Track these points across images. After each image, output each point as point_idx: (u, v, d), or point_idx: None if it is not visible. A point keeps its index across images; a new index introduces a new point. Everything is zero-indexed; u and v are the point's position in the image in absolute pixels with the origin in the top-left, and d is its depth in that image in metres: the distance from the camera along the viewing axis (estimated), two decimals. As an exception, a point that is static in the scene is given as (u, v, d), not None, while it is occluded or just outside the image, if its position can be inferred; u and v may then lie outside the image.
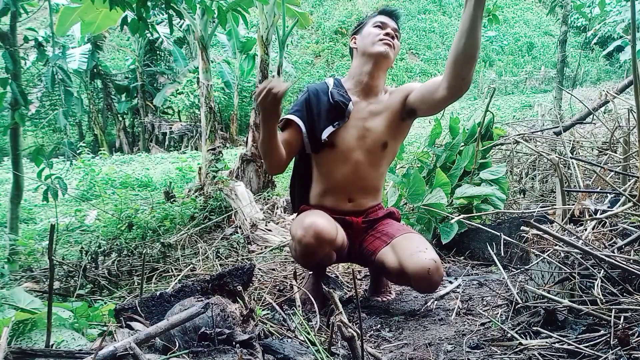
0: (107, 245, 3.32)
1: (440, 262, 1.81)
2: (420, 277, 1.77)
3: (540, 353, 1.32)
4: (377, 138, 1.96)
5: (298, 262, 2.07)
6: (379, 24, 1.98)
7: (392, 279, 2.09)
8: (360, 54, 2.00)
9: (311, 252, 1.82)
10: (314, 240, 1.78)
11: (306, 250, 1.82)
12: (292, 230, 1.90)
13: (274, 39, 5.38)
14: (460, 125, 3.33)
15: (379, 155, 2.00)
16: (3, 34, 2.89)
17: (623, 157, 2.45)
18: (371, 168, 2.00)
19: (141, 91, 17.51)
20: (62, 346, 1.25)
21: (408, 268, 1.79)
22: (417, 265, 1.77)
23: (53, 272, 1.14)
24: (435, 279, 1.79)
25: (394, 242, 1.90)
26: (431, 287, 1.84)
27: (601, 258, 1.40)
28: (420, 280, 1.78)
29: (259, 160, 5.04)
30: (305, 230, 1.79)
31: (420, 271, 1.76)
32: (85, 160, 8.24)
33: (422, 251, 1.82)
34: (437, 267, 1.78)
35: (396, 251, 1.86)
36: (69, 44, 13.99)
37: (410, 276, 1.79)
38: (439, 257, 1.83)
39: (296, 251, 1.89)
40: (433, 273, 1.77)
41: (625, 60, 17.19)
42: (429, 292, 2.03)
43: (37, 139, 16.30)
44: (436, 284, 1.82)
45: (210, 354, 1.20)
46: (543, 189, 3.61)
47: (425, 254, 1.80)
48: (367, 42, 1.96)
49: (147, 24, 2.86)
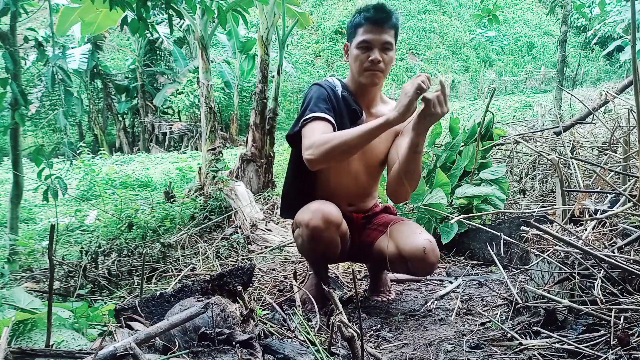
0: (107, 245, 3.33)
1: (435, 242, 1.85)
2: (416, 257, 1.80)
3: (540, 353, 1.32)
4: (375, 155, 1.99)
5: (304, 251, 1.98)
6: (364, 45, 1.81)
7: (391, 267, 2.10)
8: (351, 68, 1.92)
9: (319, 236, 1.79)
10: (322, 223, 1.77)
11: (314, 234, 1.79)
12: (299, 217, 1.86)
13: (274, 39, 5.38)
14: (460, 125, 3.33)
15: (378, 169, 2.06)
16: (3, 34, 2.89)
17: (623, 157, 2.45)
18: (370, 178, 2.06)
19: (141, 91, 17.50)
20: (62, 346, 1.25)
21: (404, 250, 1.83)
22: (412, 245, 1.81)
23: (53, 272, 1.14)
24: (431, 258, 1.81)
25: (390, 229, 1.94)
26: (427, 268, 1.86)
27: (601, 258, 1.40)
28: (416, 261, 1.81)
29: (259, 160, 5.04)
30: (313, 214, 1.78)
31: (416, 251, 1.80)
32: (85, 160, 8.23)
33: (417, 233, 1.86)
34: (433, 247, 1.82)
35: (392, 237, 1.90)
36: (69, 44, 14.00)
37: (407, 258, 1.83)
38: (434, 239, 1.86)
39: (303, 238, 1.84)
40: (429, 252, 1.80)
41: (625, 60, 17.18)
42: (426, 274, 2.06)
43: (37, 139, 16.29)
44: (432, 264, 1.84)
45: (210, 354, 1.20)
46: (543, 189, 3.61)
47: (420, 235, 1.85)
48: (355, 67, 1.87)
49: (147, 24, 2.86)
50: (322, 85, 1.92)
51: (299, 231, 1.89)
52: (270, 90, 5.19)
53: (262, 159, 5.05)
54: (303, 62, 25.01)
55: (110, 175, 7.99)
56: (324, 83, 1.94)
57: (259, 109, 5.09)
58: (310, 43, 27.04)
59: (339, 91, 1.92)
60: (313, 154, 1.71)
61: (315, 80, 2.03)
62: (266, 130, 5.12)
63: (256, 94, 5.12)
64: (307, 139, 1.77)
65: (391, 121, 1.63)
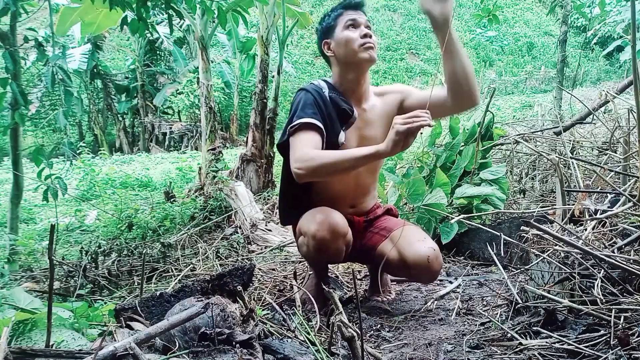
0: (107, 245, 3.32)
1: (439, 250, 1.84)
2: (420, 266, 1.79)
3: (540, 353, 1.32)
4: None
5: (308, 259, 1.98)
6: (350, 23, 1.83)
7: (392, 272, 2.11)
8: (341, 63, 1.88)
9: (326, 247, 1.79)
10: (329, 234, 1.76)
11: (320, 245, 1.78)
12: (304, 226, 1.84)
13: (274, 39, 5.38)
14: (460, 125, 3.33)
15: (377, 163, 2.02)
16: (3, 34, 2.89)
17: (623, 157, 2.45)
18: (370, 175, 2.03)
19: (141, 91, 17.49)
20: (62, 346, 1.25)
21: (408, 258, 1.81)
22: (416, 254, 1.80)
23: (53, 272, 1.14)
24: (435, 267, 1.80)
25: (393, 234, 1.93)
26: (431, 276, 1.85)
27: (601, 258, 1.40)
28: (420, 269, 1.80)
29: (259, 160, 5.04)
30: (320, 225, 1.77)
31: (419, 260, 1.79)
32: (85, 160, 8.23)
33: (421, 240, 1.85)
34: (437, 256, 1.81)
35: (395, 243, 1.88)
36: (69, 44, 13.98)
37: (410, 266, 1.81)
38: (437, 246, 1.85)
39: (308, 247, 1.83)
40: (432, 261, 1.79)
41: (625, 60, 17.18)
42: (429, 282, 2.05)
43: (37, 139, 16.29)
44: (436, 272, 1.83)
45: (210, 354, 1.20)
46: (543, 189, 3.61)
47: (424, 243, 1.83)
48: (348, 50, 1.83)
49: (147, 24, 2.86)
50: (308, 90, 1.88)
51: (303, 240, 1.86)
52: (270, 90, 5.19)
53: (262, 159, 5.05)
54: (303, 62, 25.00)
55: (110, 175, 7.97)
56: (310, 87, 1.90)
57: (259, 109, 5.09)
58: (310, 43, 27.01)
59: (326, 93, 1.88)
60: (300, 167, 1.68)
61: (301, 86, 1.98)
62: (266, 130, 5.12)
63: (256, 94, 5.12)
64: (295, 150, 1.74)
65: (381, 153, 1.62)
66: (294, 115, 1.82)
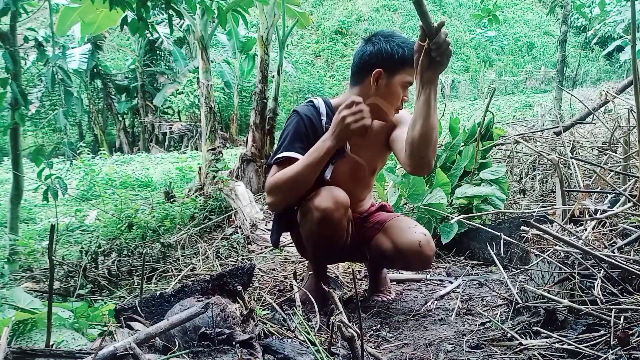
0: (107, 245, 3.32)
1: (430, 236, 1.88)
2: (412, 251, 1.84)
3: (540, 353, 1.32)
4: (367, 169, 1.99)
5: (310, 237, 1.89)
6: (408, 85, 1.81)
7: (389, 264, 2.15)
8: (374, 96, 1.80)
9: (329, 218, 1.76)
10: (333, 204, 1.76)
11: (324, 214, 1.75)
12: (307, 203, 1.80)
13: (274, 39, 5.38)
14: (460, 125, 3.33)
15: (370, 179, 2.07)
16: (3, 34, 2.89)
17: (623, 157, 2.45)
18: (362, 189, 2.07)
19: (141, 91, 17.49)
20: (62, 346, 1.25)
21: (401, 245, 1.87)
22: (408, 240, 1.85)
23: (53, 272, 1.14)
24: (427, 252, 1.85)
25: (386, 226, 1.98)
26: (424, 261, 1.89)
27: (601, 258, 1.40)
28: (412, 255, 1.85)
29: (259, 160, 5.04)
30: (322, 196, 1.77)
31: (411, 245, 1.84)
32: (85, 160, 8.24)
33: (412, 227, 1.91)
34: (428, 240, 1.85)
35: (388, 233, 1.95)
36: (69, 44, 13.98)
37: (403, 253, 1.86)
38: (428, 232, 1.90)
39: (311, 222, 1.79)
40: (424, 246, 1.83)
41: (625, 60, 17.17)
42: (423, 268, 2.09)
43: (37, 139, 16.27)
44: (428, 258, 1.87)
45: (210, 354, 1.20)
46: (543, 189, 3.61)
47: (415, 229, 1.89)
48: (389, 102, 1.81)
49: (147, 24, 2.87)
50: (302, 116, 1.84)
51: (308, 217, 1.81)
52: (270, 90, 5.19)
53: (262, 159, 5.06)
54: (303, 62, 25.00)
55: (110, 175, 7.98)
56: (305, 112, 1.85)
57: (259, 109, 5.09)
58: (310, 43, 27.04)
59: (324, 121, 1.85)
60: (268, 198, 1.79)
61: (297, 106, 1.93)
62: (266, 130, 5.13)
63: (256, 94, 5.12)
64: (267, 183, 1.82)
65: (331, 147, 1.70)
66: (282, 144, 1.82)
